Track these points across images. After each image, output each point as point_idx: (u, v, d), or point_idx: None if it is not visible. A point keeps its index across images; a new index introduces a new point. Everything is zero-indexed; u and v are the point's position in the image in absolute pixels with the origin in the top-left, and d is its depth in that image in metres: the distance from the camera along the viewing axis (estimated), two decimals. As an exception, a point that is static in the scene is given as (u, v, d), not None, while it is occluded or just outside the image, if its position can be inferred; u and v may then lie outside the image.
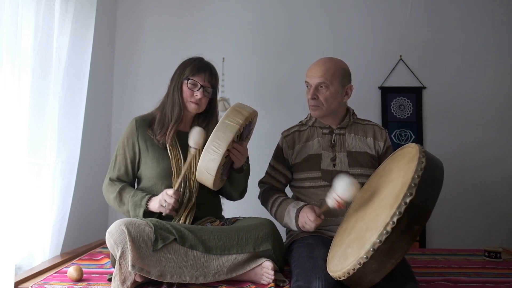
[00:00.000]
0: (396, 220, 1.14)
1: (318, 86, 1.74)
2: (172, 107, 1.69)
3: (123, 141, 1.73)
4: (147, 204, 1.61)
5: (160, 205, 1.57)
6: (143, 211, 1.60)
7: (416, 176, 1.19)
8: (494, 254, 1.90)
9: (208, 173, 1.52)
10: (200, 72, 1.69)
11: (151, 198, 1.62)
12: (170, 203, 1.55)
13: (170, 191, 1.56)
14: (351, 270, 1.21)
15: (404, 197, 1.16)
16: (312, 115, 1.82)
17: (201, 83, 1.68)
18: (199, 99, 1.68)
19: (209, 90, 1.71)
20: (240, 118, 1.51)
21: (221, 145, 1.48)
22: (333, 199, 1.46)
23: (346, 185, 1.42)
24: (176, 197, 1.56)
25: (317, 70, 1.76)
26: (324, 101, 1.75)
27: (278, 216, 1.79)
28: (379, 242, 1.15)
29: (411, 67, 2.65)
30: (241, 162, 1.64)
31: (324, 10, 2.70)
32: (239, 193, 1.77)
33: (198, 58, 1.74)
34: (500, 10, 2.65)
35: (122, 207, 1.66)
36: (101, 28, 2.39)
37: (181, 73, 1.71)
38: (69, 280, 1.52)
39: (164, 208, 1.56)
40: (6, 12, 1.46)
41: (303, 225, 1.65)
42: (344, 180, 1.44)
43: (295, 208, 1.69)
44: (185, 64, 1.73)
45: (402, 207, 1.15)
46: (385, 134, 1.86)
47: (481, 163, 2.60)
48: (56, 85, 1.83)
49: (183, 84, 1.69)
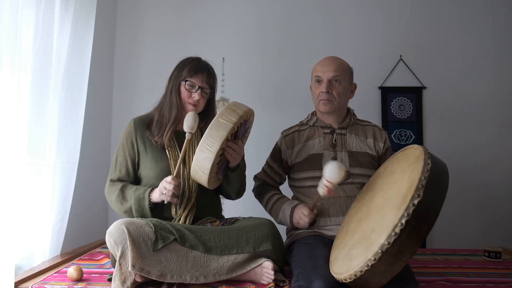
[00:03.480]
0: (404, 221, 1.13)
1: (332, 79, 1.75)
2: (170, 108, 1.69)
3: (122, 142, 1.72)
4: (149, 195, 1.60)
5: (160, 193, 1.56)
6: (147, 203, 1.59)
7: (423, 178, 1.19)
8: (494, 254, 1.90)
9: (202, 172, 1.51)
10: (198, 73, 1.68)
11: (153, 189, 1.61)
12: (169, 189, 1.54)
13: (169, 178, 1.55)
14: (358, 272, 1.19)
15: (412, 199, 1.15)
16: (322, 110, 1.79)
17: (199, 84, 1.67)
18: (197, 100, 1.68)
19: (207, 91, 1.70)
20: (234, 116, 1.50)
21: (215, 144, 1.47)
22: (323, 186, 1.48)
23: (333, 167, 1.45)
24: (175, 183, 1.55)
25: (331, 64, 1.76)
26: (337, 95, 1.76)
27: (272, 213, 1.83)
28: (388, 244, 1.14)
29: (411, 67, 2.65)
30: (237, 161, 1.63)
31: (324, 10, 2.70)
32: (235, 192, 1.77)
33: (195, 58, 1.74)
34: (500, 10, 2.65)
35: (125, 204, 1.64)
36: (101, 28, 2.39)
37: (178, 74, 1.70)
38: (69, 280, 1.52)
39: (164, 196, 1.55)
40: (6, 12, 1.46)
41: (298, 222, 1.68)
42: (331, 163, 1.47)
43: (290, 207, 1.73)
44: (182, 64, 1.72)
45: (410, 209, 1.14)
46: (385, 135, 1.86)
47: (481, 163, 2.60)
48: (56, 85, 1.83)
49: (180, 85, 1.69)
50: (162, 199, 1.57)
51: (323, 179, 1.48)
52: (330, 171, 1.46)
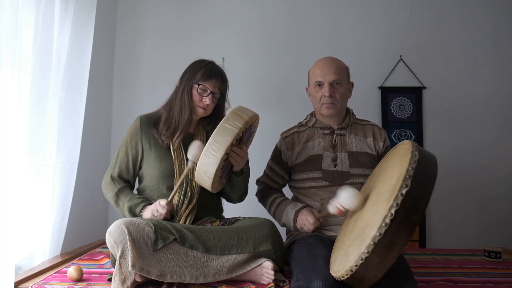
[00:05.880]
0: (394, 211, 1.15)
1: (334, 83, 1.74)
2: (180, 109, 1.68)
3: (126, 139, 1.73)
4: (141, 212, 1.62)
5: (152, 214, 1.57)
6: (139, 216, 1.61)
7: (410, 168, 1.21)
8: (494, 254, 1.90)
9: (206, 176, 1.52)
10: (211, 78, 1.68)
11: (146, 206, 1.62)
12: (162, 213, 1.55)
13: (163, 202, 1.56)
14: (353, 267, 1.20)
15: (400, 189, 1.17)
16: (326, 113, 1.79)
17: (211, 89, 1.67)
18: (207, 105, 1.68)
19: (217, 96, 1.71)
20: (240, 122, 1.50)
21: (220, 149, 1.47)
22: (335, 206, 1.49)
23: (350, 195, 1.45)
24: (169, 208, 1.56)
25: (331, 66, 1.75)
26: (340, 98, 1.76)
27: (276, 216, 1.82)
28: (379, 235, 1.15)
29: (411, 67, 2.65)
30: (241, 165, 1.63)
31: (324, 10, 2.70)
32: (238, 196, 1.77)
33: (210, 62, 1.73)
34: (500, 10, 2.65)
35: (117, 208, 1.68)
36: (101, 28, 2.39)
37: (191, 76, 1.69)
38: (69, 280, 1.52)
39: (155, 218, 1.56)
40: (6, 12, 1.46)
41: (302, 227, 1.68)
42: (348, 190, 1.46)
43: (294, 210, 1.72)
44: (196, 67, 1.71)
45: (399, 199, 1.16)
46: (384, 134, 1.86)
47: (481, 163, 2.60)
48: (56, 85, 1.83)
49: (193, 88, 1.68)
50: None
51: (337, 202, 1.47)
52: (346, 198, 1.45)
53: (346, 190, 1.46)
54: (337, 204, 1.47)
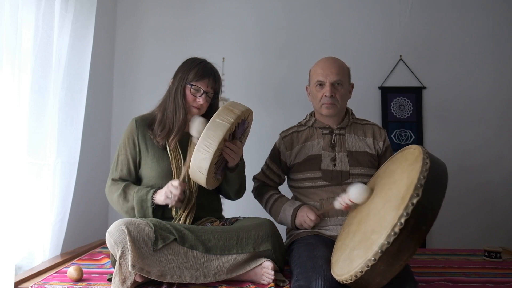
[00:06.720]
0: (404, 221, 1.13)
1: (335, 83, 1.74)
2: (174, 110, 1.67)
3: (124, 141, 1.72)
4: (152, 197, 1.59)
5: (166, 197, 1.55)
6: (150, 204, 1.58)
7: (421, 177, 1.19)
8: (494, 254, 1.90)
9: (200, 172, 1.51)
10: (204, 78, 1.66)
11: (156, 191, 1.61)
12: (176, 194, 1.54)
13: (176, 182, 1.55)
14: (358, 273, 1.19)
15: (411, 198, 1.15)
16: (326, 113, 1.79)
17: (204, 89, 1.66)
18: (201, 105, 1.67)
19: (211, 95, 1.70)
20: (232, 116, 1.49)
21: (212, 144, 1.46)
22: (343, 202, 1.51)
23: (362, 191, 1.47)
24: (182, 188, 1.56)
25: (333, 67, 1.75)
26: (340, 98, 1.76)
27: (272, 213, 1.83)
28: (387, 244, 1.14)
29: (411, 67, 2.66)
30: (235, 161, 1.62)
31: (324, 10, 2.70)
32: (235, 192, 1.76)
33: (202, 61, 1.71)
34: (500, 10, 2.65)
35: (126, 205, 1.63)
36: (101, 28, 2.39)
37: (183, 76, 1.67)
38: (69, 280, 1.52)
39: (170, 200, 1.55)
40: (6, 12, 1.46)
41: (301, 224, 1.68)
42: (360, 186, 1.49)
43: (292, 208, 1.73)
44: (188, 66, 1.69)
45: (409, 208, 1.14)
46: (384, 134, 1.86)
47: (481, 163, 2.60)
48: (56, 85, 1.83)
49: (186, 88, 1.67)
50: (167, 203, 1.57)
51: (346, 197, 1.50)
52: (357, 193, 1.47)
53: (357, 186, 1.49)
54: (346, 200, 1.50)
